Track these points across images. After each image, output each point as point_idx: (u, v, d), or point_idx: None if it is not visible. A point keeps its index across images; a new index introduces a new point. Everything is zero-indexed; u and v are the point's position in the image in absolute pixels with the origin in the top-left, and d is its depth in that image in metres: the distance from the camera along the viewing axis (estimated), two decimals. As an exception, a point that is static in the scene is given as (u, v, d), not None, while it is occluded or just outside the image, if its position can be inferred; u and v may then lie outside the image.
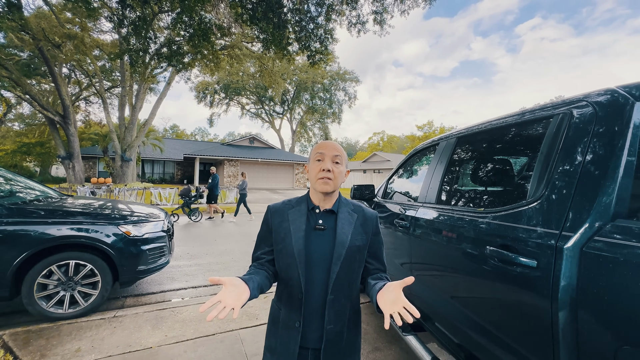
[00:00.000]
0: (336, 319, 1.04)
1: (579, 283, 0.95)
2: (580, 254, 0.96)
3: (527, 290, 1.12)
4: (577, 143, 1.13)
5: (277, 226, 1.10)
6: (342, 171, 1.08)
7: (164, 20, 11.54)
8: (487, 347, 1.36)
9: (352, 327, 1.10)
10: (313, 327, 1.03)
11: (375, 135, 63.50)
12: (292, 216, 1.09)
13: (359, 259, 1.08)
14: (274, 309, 1.15)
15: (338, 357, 1.05)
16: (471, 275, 1.49)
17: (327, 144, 1.08)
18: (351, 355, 1.11)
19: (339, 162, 1.07)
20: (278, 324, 1.09)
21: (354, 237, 1.06)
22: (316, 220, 1.08)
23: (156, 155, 26.29)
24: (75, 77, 22.09)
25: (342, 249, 1.03)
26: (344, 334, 1.07)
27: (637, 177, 0.97)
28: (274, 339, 1.10)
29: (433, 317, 1.91)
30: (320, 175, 1.04)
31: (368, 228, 1.11)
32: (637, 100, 1.02)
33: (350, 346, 1.10)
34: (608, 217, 0.95)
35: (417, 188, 2.39)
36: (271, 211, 1.14)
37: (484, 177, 1.79)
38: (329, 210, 1.09)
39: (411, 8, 8.25)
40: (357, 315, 1.13)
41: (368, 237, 1.11)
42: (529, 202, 1.23)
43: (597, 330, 0.89)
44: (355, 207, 1.14)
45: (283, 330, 1.07)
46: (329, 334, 1.02)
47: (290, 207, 1.13)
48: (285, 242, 1.06)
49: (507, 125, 1.61)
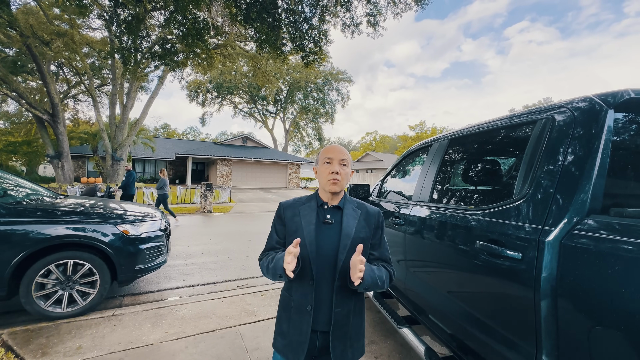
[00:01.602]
0: (343, 303, 1.15)
1: (559, 272, 1.05)
2: (560, 246, 1.06)
3: (513, 281, 1.22)
4: (558, 146, 1.24)
5: (290, 220, 1.22)
6: (348, 172, 1.20)
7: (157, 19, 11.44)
8: (478, 335, 1.46)
9: (358, 312, 1.21)
10: (322, 311, 1.15)
11: (368, 135, 63.95)
12: (303, 211, 1.21)
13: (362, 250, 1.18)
14: (284, 297, 1.25)
15: (345, 339, 1.16)
16: (462, 268, 1.60)
17: (335, 149, 1.19)
18: (356, 337, 1.21)
19: (345, 164, 1.19)
20: (290, 310, 1.19)
21: (358, 230, 1.18)
22: (325, 215, 1.20)
23: (147, 155, 25.97)
24: (64, 75, 21.66)
25: (348, 240, 1.15)
26: (350, 318, 1.17)
27: (609, 177, 1.08)
28: (285, 324, 1.20)
29: (427, 310, 2.01)
30: (329, 178, 1.16)
31: (371, 222, 1.23)
32: (610, 108, 1.13)
33: (356, 329, 1.20)
34: (584, 212, 1.06)
35: (411, 187, 2.49)
36: (283, 206, 1.26)
37: (474, 176, 1.90)
38: (335, 207, 1.22)
39: (404, 11, 8.39)
40: (361, 301, 1.24)
41: (371, 230, 1.22)
42: (515, 200, 1.34)
43: (573, 314, 0.99)
44: (359, 204, 1.27)
45: (295, 315, 1.17)
46: (337, 316, 1.14)
47: (301, 203, 1.25)
48: (297, 234, 1.17)
49: (496, 128, 1.72)
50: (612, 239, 0.92)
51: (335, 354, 1.14)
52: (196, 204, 13.37)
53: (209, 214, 11.28)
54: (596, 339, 0.91)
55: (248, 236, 7.36)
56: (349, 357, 1.17)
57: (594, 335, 0.92)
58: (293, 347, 1.15)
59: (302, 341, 1.13)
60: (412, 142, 28.14)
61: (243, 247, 6.20)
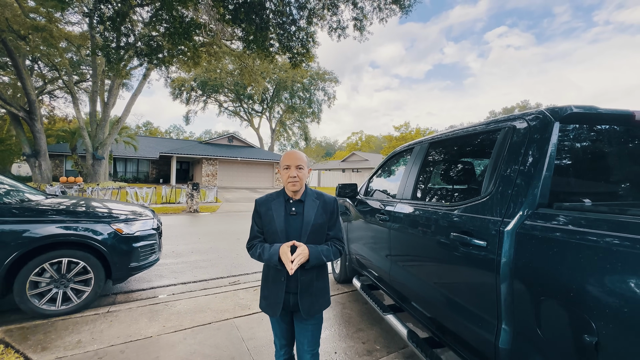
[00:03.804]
0: (306, 272, 1.52)
1: (515, 255, 1.27)
2: (515, 234, 1.28)
3: (480, 265, 1.44)
4: (516, 150, 1.47)
5: (264, 213, 1.57)
6: (305, 173, 1.55)
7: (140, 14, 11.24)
8: (452, 315, 1.68)
9: (320, 277, 1.60)
10: (292, 279, 1.51)
11: (354, 135, 64.53)
12: (274, 206, 1.57)
13: (320, 232, 1.56)
14: (265, 272, 1.62)
15: (310, 296, 1.54)
16: (439, 257, 1.82)
17: (291, 156, 1.52)
18: (321, 294, 1.59)
19: (301, 168, 1.53)
20: (269, 281, 1.58)
21: (317, 217, 1.55)
22: (290, 208, 1.56)
23: (129, 154, 25.29)
24: (39, 70, 20.78)
25: (308, 226, 1.52)
26: (313, 282, 1.56)
27: (554, 176, 1.31)
28: (266, 291, 1.59)
29: (410, 297, 2.23)
30: (289, 181, 1.52)
31: (327, 209, 1.59)
32: (557, 120, 1.37)
33: (320, 289, 1.58)
34: (534, 206, 1.29)
35: (395, 186, 2.71)
36: (258, 203, 1.62)
37: (451, 176, 2.13)
38: (298, 200, 1.57)
39: (389, 16, 8.68)
40: (322, 269, 1.61)
41: (327, 215, 1.58)
42: (483, 196, 1.56)
43: (524, 288, 1.21)
44: (318, 195, 1.62)
45: (272, 284, 1.55)
46: (302, 282, 1.52)
47: (272, 199, 1.60)
48: (271, 224, 1.54)
49: (469, 134, 1.96)
50: (553, 227, 1.15)
51: (304, 307, 1.51)
52: (182, 203, 13.22)
53: (195, 213, 11.21)
54: (541, 307, 1.14)
55: (237, 235, 7.43)
56: (316, 309, 1.55)
57: (540, 305, 1.14)
58: (272, 306, 1.54)
59: (278, 302, 1.52)
60: (397, 142, 28.74)
61: (232, 245, 6.29)
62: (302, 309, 1.51)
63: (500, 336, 1.31)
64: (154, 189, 13.13)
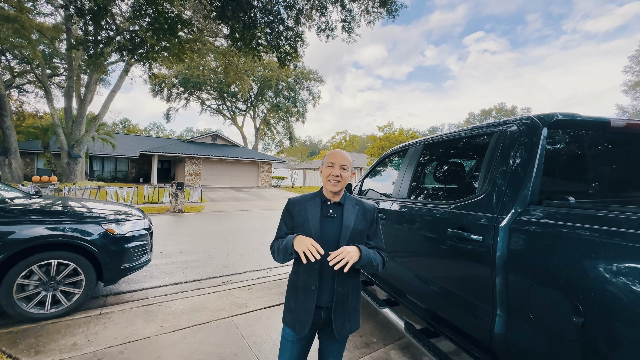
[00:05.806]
0: (343, 283, 1.37)
1: (508, 248, 1.40)
2: (509, 229, 1.41)
3: (476, 258, 1.56)
4: (509, 152, 1.60)
5: (297, 214, 1.44)
6: (348, 175, 1.42)
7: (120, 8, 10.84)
8: (448, 306, 1.81)
9: (355, 292, 1.44)
10: (325, 290, 1.36)
11: (338, 134, 65.08)
12: (309, 206, 1.43)
13: (359, 239, 1.40)
14: (292, 280, 1.46)
15: (345, 313, 1.38)
16: (436, 252, 1.94)
17: (336, 155, 1.42)
18: (354, 313, 1.44)
19: (345, 169, 1.41)
20: (297, 290, 1.40)
21: (356, 223, 1.41)
22: (328, 210, 1.42)
23: (107, 152, 24.31)
24: (7, 63, 19.57)
25: (347, 231, 1.37)
26: (349, 297, 1.40)
27: (543, 176, 1.45)
28: (293, 302, 1.41)
29: (405, 291, 2.35)
30: (330, 178, 1.39)
31: (367, 217, 1.46)
32: (544, 125, 1.51)
33: (353, 306, 1.43)
34: (526, 203, 1.42)
35: (390, 185, 2.82)
36: (292, 202, 1.49)
37: (445, 176, 2.26)
38: (337, 203, 1.44)
39: (376, 19, 8.85)
40: (358, 283, 1.48)
41: (367, 223, 1.45)
42: (478, 195, 1.69)
43: (518, 277, 1.34)
44: (357, 201, 1.49)
45: (302, 294, 1.38)
46: (338, 295, 1.36)
47: (307, 200, 1.47)
48: (304, 226, 1.39)
49: (462, 137, 2.09)
50: (543, 222, 1.28)
51: (337, 326, 1.35)
52: (165, 203, 12.90)
53: (180, 213, 10.99)
54: (533, 294, 1.27)
55: (225, 235, 7.37)
56: (348, 330, 1.39)
57: (532, 291, 1.27)
58: (300, 320, 1.35)
59: (308, 316, 1.34)
60: (381, 142, 29.18)
61: (222, 245, 6.24)
62: (335, 327, 1.35)
63: (496, 322, 1.43)
64: (135, 189, 12.73)
